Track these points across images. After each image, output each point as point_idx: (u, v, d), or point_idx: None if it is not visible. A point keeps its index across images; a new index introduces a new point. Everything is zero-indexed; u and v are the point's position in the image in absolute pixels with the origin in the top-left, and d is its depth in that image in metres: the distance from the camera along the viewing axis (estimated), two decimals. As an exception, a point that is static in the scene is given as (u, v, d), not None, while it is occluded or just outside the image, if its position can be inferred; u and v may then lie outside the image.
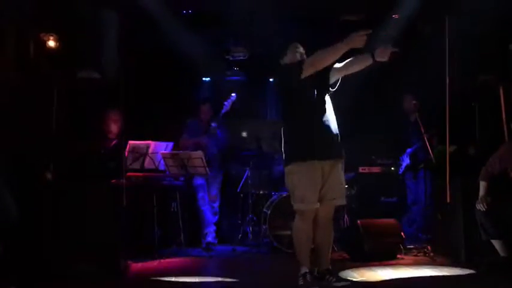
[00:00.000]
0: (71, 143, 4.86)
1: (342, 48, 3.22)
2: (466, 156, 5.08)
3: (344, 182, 3.53)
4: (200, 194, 5.29)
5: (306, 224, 3.40)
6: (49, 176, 4.58)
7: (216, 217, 5.38)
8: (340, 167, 3.45)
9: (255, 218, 5.39)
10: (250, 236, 5.41)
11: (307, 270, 3.38)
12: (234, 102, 5.22)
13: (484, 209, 3.90)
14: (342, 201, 3.48)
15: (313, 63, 3.35)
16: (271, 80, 6.65)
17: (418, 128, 4.98)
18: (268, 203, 5.23)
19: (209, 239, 5.21)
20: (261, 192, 5.54)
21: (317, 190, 3.36)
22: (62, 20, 4.97)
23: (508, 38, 5.04)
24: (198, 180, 5.29)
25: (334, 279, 3.41)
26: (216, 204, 5.38)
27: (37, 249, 3.89)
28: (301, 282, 3.36)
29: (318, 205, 3.38)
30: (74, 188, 4.15)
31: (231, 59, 6.35)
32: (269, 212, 5.02)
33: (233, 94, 5.25)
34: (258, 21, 5.52)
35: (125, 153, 4.79)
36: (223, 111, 5.24)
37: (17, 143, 4.24)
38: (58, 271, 3.80)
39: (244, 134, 5.94)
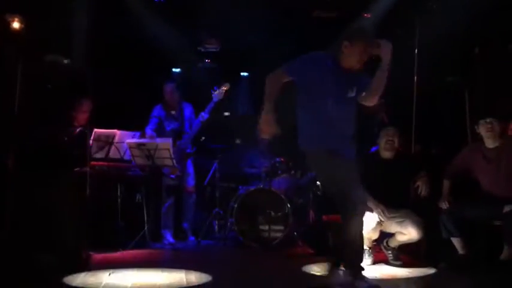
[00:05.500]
0: (33, 129, 4.71)
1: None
2: (429, 155, 5.19)
3: None
4: (169, 202, 5.16)
5: None
6: (10, 163, 4.44)
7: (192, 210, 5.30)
8: None
9: (221, 212, 5.37)
10: (216, 229, 5.39)
11: None
12: (227, 92, 5.11)
13: (446, 208, 3.99)
14: None
15: None
16: (243, 74, 6.61)
17: (384, 127, 5.04)
18: (235, 197, 5.22)
19: (169, 239, 5.14)
20: (229, 185, 5.52)
21: None
22: (28, 0, 4.80)
23: (474, 42, 5.17)
24: (169, 181, 5.13)
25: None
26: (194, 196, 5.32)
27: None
28: None
29: None
30: (36, 176, 4.03)
31: (202, 50, 6.28)
32: (236, 205, 5.01)
33: (226, 83, 5.17)
34: (231, 14, 5.48)
35: (89, 142, 4.68)
36: (214, 99, 5.14)
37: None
38: (17, 262, 3.69)
39: (226, 114, 5.87)
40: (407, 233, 4.02)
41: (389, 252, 4.19)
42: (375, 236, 4.15)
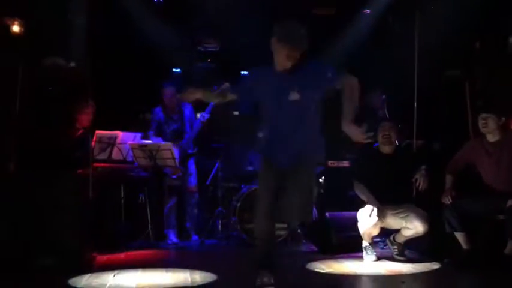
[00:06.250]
0: (35, 131, 4.72)
1: None
2: (431, 150, 5.19)
3: None
4: (172, 202, 5.20)
5: None
6: (11, 166, 4.45)
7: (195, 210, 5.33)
8: None
9: (224, 211, 5.37)
10: (220, 228, 5.40)
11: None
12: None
13: (449, 202, 3.99)
14: None
15: None
16: (243, 72, 6.60)
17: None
18: (237, 195, 5.22)
19: (172, 238, 5.16)
20: (231, 185, 5.52)
21: None
22: (28, 4, 4.80)
23: (474, 35, 5.16)
24: (171, 181, 5.15)
25: None
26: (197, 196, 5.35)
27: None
28: None
29: None
30: (38, 178, 4.03)
31: (202, 50, 6.27)
32: (238, 204, 5.01)
33: (226, 83, 5.16)
34: (229, 13, 5.48)
35: (91, 143, 4.68)
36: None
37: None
38: (20, 265, 3.70)
39: (235, 113, 5.85)
40: (413, 227, 4.02)
41: (395, 247, 4.19)
42: (375, 232, 4.15)
